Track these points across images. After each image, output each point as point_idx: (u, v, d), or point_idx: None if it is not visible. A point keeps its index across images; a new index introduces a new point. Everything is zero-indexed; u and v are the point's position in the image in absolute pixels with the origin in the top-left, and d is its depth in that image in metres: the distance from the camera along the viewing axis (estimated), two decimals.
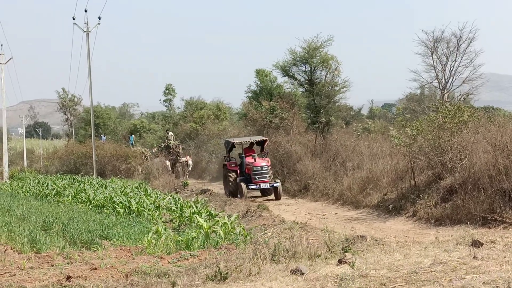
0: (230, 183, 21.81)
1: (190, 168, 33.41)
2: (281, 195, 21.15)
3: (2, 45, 66.98)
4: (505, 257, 7.19)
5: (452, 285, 5.93)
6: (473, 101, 29.75)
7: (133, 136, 46.52)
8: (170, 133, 36.67)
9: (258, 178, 21.10)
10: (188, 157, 34.01)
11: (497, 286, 5.58)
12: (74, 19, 36.91)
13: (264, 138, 23.56)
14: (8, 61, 42.95)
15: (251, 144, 23.29)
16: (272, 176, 21.74)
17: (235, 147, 24.02)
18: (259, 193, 22.33)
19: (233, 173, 21.98)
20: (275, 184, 21.13)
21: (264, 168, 21.21)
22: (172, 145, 33.93)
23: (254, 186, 21.12)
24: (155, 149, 36.52)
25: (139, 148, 39.59)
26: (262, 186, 21.14)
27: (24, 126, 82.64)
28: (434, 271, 6.65)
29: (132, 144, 42.56)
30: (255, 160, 21.69)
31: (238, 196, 20.76)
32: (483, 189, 12.42)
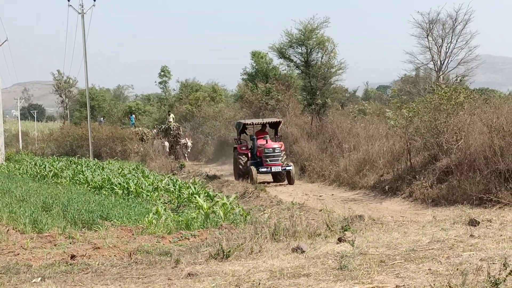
0: (240, 167, 20.51)
1: (189, 150, 33.49)
2: (294, 179, 19.84)
3: None
4: (501, 235, 7.36)
5: (450, 262, 6.08)
6: (469, 82, 29.85)
7: (134, 116, 45.86)
8: (172, 115, 36.66)
9: (270, 161, 19.77)
10: (187, 138, 34.04)
11: (493, 263, 5.73)
12: (69, 0, 36.77)
13: (278, 120, 22.29)
14: (3, 43, 42.75)
15: (264, 126, 21.91)
16: (285, 160, 20.33)
17: (246, 129, 22.64)
18: (271, 179, 21.16)
19: (244, 157, 20.65)
20: (287, 168, 19.75)
21: (276, 150, 19.91)
22: (172, 127, 33.94)
23: (265, 169, 19.77)
24: (155, 130, 36.53)
25: (140, 128, 39.44)
26: (274, 169, 19.80)
27: (18, 108, 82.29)
28: (432, 248, 6.81)
29: (133, 124, 42.22)
30: (266, 142, 20.47)
31: (248, 181, 19.34)
32: (479, 170, 12.57)
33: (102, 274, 6.82)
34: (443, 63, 29.54)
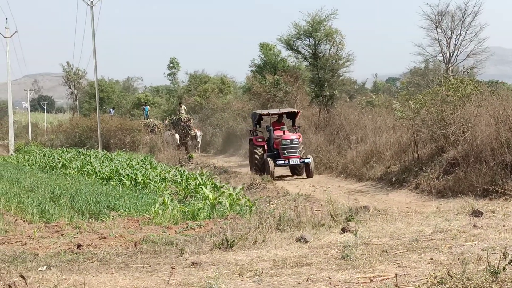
0: (257, 160, 19.48)
1: (199, 140, 33.46)
2: (313, 172, 18.98)
3: (7, 18, 66.53)
4: (504, 225, 7.38)
5: (452, 252, 6.11)
6: (478, 75, 29.75)
7: (148, 107, 45.60)
8: (183, 106, 36.66)
9: (287, 153, 18.74)
10: (196, 130, 34.00)
11: (494, 253, 5.75)
12: None
13: (296, 110, 21.31)
14: (13, 34, 43.02)
15: (281, 116, 21.09)
16: (304, 152, 19.45)
17: (262, 119, 21.69)
18: (288, 172, 20.45)
19: (260, 149, 19.64)
20: (306, 160, 18.81)
21: (294, 142, 18.88)
22: (184, 119, 33.93)
23: (282, 162, 18.78)
24: (166, 121, 36.56)
25: (151, 120, 39.48)
26: (292, 162, 18.82)
27: (28, 99, 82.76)
28: (435, 239, 6.84)
29: (146, 115, 42.17)
30: (284, 133, 19.52)
31: (265, 174, 18.24)
32: (485, 161, 12.55)
33: (107, 263, 6.91)
34: (452, 55, 29.43)
